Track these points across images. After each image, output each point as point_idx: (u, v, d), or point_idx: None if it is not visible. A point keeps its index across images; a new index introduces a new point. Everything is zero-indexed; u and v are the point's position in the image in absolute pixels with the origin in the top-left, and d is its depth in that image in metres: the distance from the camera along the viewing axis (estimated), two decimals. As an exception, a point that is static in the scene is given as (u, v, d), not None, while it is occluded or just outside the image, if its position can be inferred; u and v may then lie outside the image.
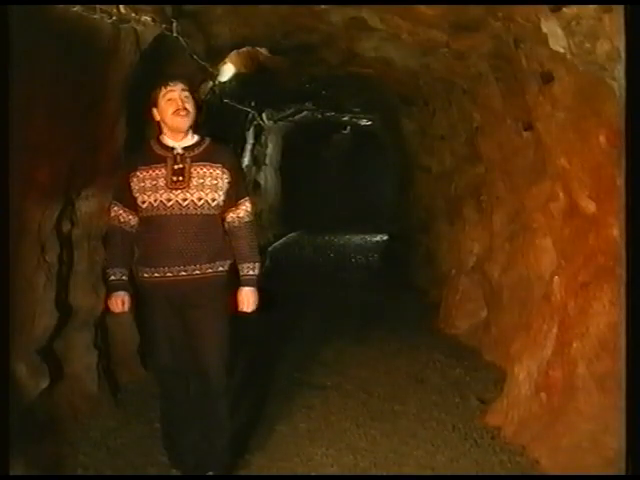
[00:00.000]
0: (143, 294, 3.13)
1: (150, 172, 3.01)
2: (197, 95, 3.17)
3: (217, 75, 5.85)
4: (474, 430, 3.85)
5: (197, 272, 3.02)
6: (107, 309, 3.28)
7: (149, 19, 3.79)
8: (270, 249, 11.89)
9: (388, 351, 5.61)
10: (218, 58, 5.57)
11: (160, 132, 3.11)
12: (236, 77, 6.29)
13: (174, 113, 2.99)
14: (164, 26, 4.01)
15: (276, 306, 4.21)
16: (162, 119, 3.05)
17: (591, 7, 2.79)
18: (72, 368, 3.89)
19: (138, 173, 3.02)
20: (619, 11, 2.50)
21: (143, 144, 3.21)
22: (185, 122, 3.02)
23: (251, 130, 10.50)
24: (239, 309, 3.11)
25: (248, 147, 10.60)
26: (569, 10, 2.91)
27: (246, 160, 10.64)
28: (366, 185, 17.47)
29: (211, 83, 5.87)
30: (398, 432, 3.88)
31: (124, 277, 3.11)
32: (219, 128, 7.39)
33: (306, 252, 12.71)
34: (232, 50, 5.73)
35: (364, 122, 13.34)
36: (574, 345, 3.25)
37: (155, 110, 3.07)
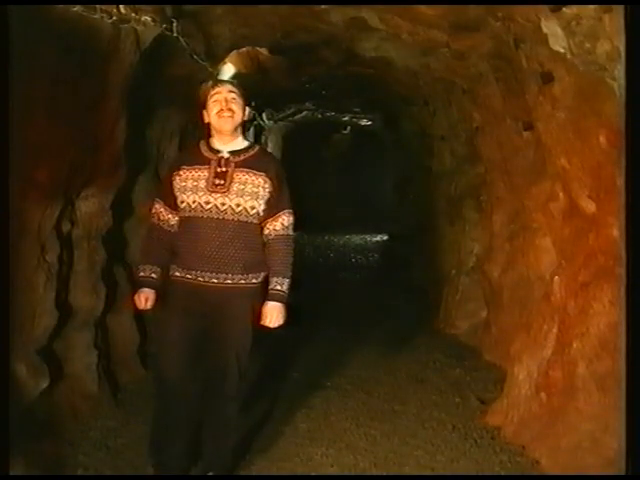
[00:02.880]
0: (171, 293, 3.04)
1: (193, 172, 2.98)
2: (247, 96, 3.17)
3: (217, 75, 5.84)
4: (474, 430, 3.85)
5: (229, 281, 2.96)
6: (132, 305, 3.16)
7: (149, 19, 3.78)
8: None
9: (388, 351, 5.61)
10: (218, 58, 5.56)
11: (209, 134, 3.08)
12: (236, 77, 6.28)
13: (218, 113, 2.97)
14: (164, 26, 4.00)
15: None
16: (209, 120, 3.04)
17: (591, 7, 2.79)
18: (72, 368, 3.89)
19: (181, 172, 2.99)
20: (619, 11, 2.50)
21: (193, 144, 3.21)
22: (228, 123, 2.99)
23: (251, 130, 10.49)
24: (262, 323, 3.00)
25: (248, 147, 10.60)
26: (569, 10, 2.91)
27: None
28: (366, 185, 17.46)
29: (211, 83, 5.85)
30: (398, 432, 3.88)
31: (153, 275, 3.04)
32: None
33: (306, 252, 12.70)
34: (232, 50, 5.73)
35: (364, 122, 13.33)
36: (574, 345, 3.25)
37: (204, 112, 3.05)
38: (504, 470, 3.38)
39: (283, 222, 3.04)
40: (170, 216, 3.05)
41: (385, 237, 13.49)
